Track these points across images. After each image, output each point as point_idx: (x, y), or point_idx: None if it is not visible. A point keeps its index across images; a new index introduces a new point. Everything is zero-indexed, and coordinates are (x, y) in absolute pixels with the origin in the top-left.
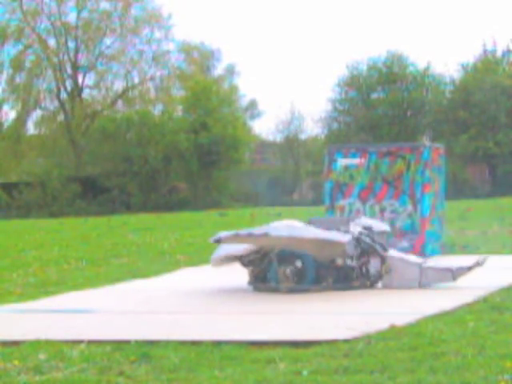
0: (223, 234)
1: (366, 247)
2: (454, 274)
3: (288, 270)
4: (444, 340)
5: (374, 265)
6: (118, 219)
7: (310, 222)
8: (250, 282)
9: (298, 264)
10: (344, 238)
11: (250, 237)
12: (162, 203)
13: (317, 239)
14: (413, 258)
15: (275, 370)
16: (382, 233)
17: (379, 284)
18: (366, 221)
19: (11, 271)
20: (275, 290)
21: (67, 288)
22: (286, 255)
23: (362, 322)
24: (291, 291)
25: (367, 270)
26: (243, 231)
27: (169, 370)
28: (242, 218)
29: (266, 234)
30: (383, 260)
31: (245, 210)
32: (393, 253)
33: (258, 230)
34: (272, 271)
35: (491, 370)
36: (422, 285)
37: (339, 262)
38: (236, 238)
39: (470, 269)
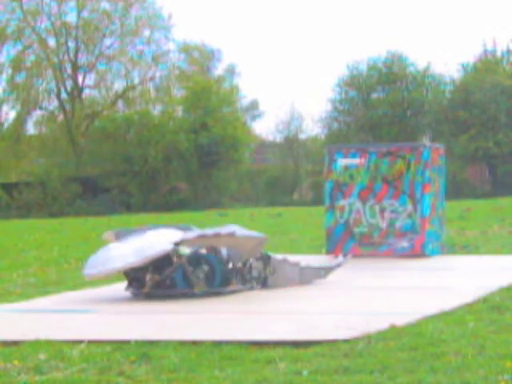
0: (185, 235)
1: None
2: (326, 271)
3: (202, 275)
4: (444, 340)
5: (256, 266)
6: (118, 219)
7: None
8: (144, 291)
9: (207, 268)
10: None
11: (216, 237)
12: (162, 203)
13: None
14: (291, 259)
15: (275, 369)
16: None
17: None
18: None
19: (11, 271)
20: (180, 296)
21: (67, 288)
22: (195, 260)
23: (363, 321)
24: (205, 295)
25: (250, 271)
26: (209, 231)
27: (169, 370)
28: (242, 217)
29: (232, 234)
30: (267, 262)
31: (245, 210)
32: (273, 255)
33: (222, 229)
34: (179, 276)
35: (491, 370)
36: (301, 282)
37: (239, 264)
38: (201, 239)
39: (338, 266)
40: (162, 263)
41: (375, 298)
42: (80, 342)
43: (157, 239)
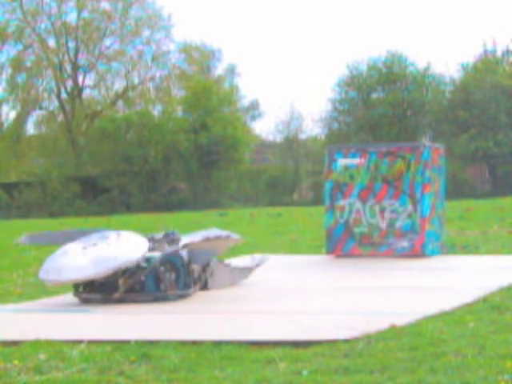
0: (192, 239)
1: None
2: (248, 271)
3: (172, 277)
4: (444, 340)
5: (196, 268)
6: (118, 219)
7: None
8: (116, 296)
9: (174, 270)
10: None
11: (217, 239)
12: (162, 203)
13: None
14: (225, 261)
15: (275, 370)
16: None
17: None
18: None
19: (11, 271)
20: (152, 300)
21: (67, 288)
22: (165, 263)
23: (363, 321)
24: (178, 298)
25: (193, 273)
26: (211, 234)
27: (169, 370)
28: (242, 217)
29: (228, 236)
30: (206, 264)
31: (245, 210)
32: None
33: (222, 232)
34: (150, 280)
35: (491, 370)
36: (231, 284)
37: (194, 267)
38: (206, 242)
39: (257, 266)
40: (131, 268)
41: (375, 298)
42: (80, 341)
43: (120, 249)
